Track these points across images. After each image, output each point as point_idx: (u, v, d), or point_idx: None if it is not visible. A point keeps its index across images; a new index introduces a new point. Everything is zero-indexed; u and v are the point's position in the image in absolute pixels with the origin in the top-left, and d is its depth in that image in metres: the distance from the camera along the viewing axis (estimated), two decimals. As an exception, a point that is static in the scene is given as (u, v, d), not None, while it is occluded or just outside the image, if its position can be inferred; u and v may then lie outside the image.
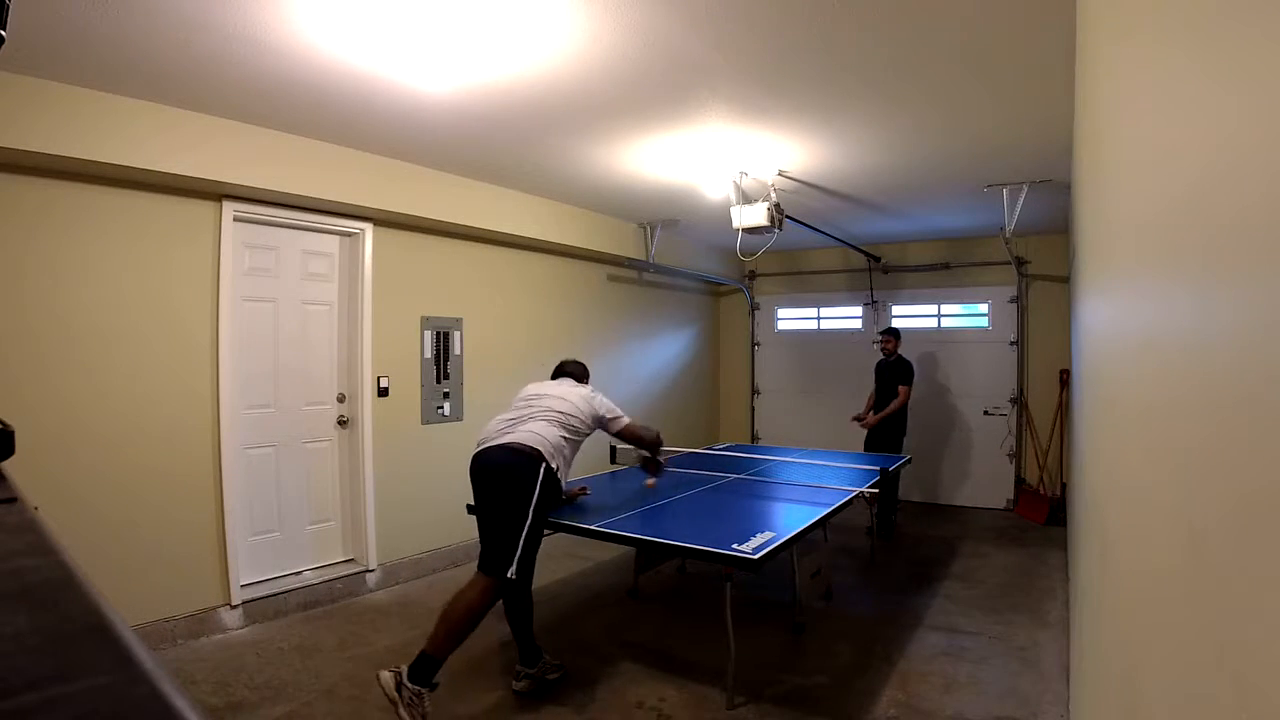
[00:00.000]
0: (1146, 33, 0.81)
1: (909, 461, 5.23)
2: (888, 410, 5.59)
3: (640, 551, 3.95)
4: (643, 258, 6.15)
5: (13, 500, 0.51)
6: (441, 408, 4.68)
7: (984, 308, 6.66)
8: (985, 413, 6.51)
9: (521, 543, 2.72)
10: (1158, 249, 0.73)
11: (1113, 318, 1.31)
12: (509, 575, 2.69)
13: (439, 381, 4.67)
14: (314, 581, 3.94)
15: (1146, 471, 0.80)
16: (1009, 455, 6.43)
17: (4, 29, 1.00)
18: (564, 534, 3.35)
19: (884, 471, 4.27)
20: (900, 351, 5.79)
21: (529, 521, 2.74)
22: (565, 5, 2.24)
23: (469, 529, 4.67)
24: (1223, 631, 0.45)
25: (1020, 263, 6.20)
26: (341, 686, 2.95)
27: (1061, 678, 3.00)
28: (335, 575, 4.06)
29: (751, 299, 7.85)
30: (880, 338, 5.89)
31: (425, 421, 4.58)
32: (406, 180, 4.13)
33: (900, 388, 5.59)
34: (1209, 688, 0.48)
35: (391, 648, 3.37)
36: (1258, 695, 0.37)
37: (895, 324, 6.92)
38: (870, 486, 3.92)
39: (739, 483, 4.21)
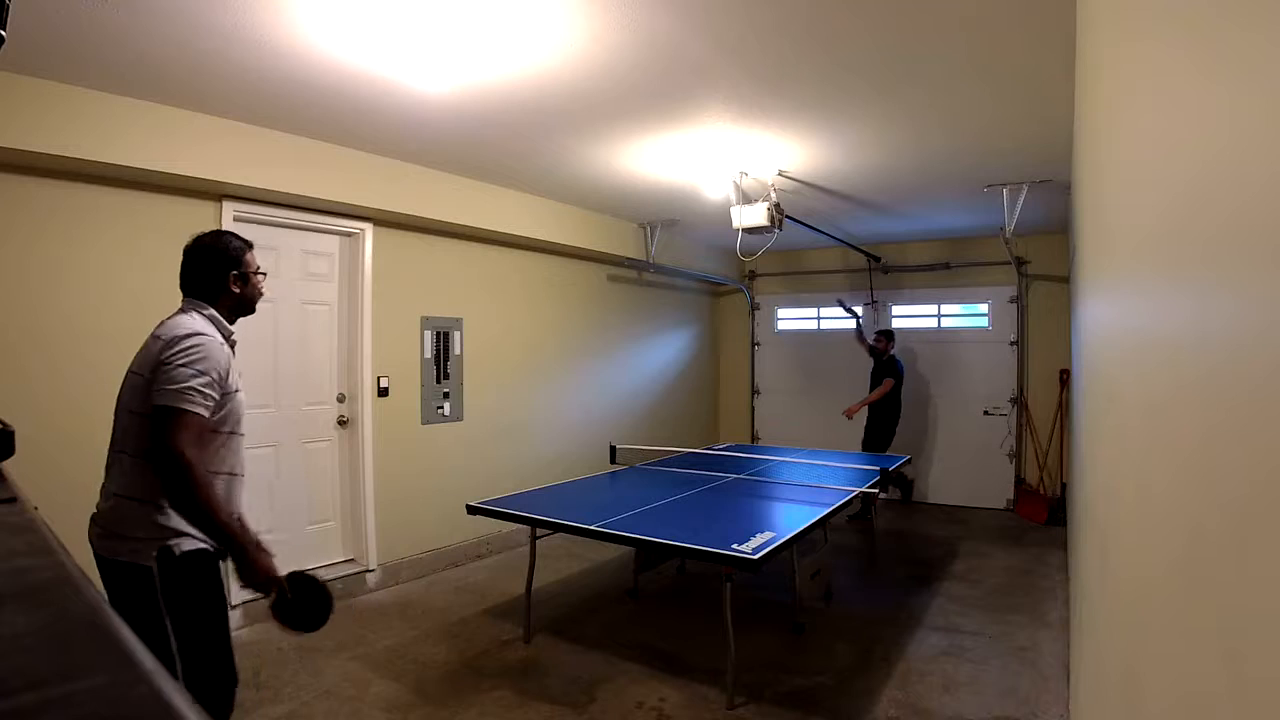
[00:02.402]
0: (1146, 33, 0.81)
1: (909, 462, 5.23)
2: (869, 399, 6.05)
3: (640, 551, 3.94)
4: (643, 258, 6.15)
5: (13, 500, 0.51)
6: (441, 408, 4.68)
7: (984, 308, 6.66)
8: (985, 413, 6.52)
9: (174, 646, 1.71)
10: (1158, 249, 0.73)
11: (1113, 318, 1.31)
12: None
13: (439, 381, 4.67)
14: (314, 581, 3.94)
15: (1146, 471, 0.80)
16: (1009, 455, 6.43)
17: (4, 29, 1.00)
18: (564, 534, 3.35)
19: (884, 472, 4.27)
20: (893, 352, 6.18)
21: (169, 626, 1.71)
22: (565, 5, 2.24)
23: (469, 529, 4.69)
24: (1223, 631, 0.45)
25: (1020, 263, 6.20)
26: (341, 687, 2.95)
27: (1061, 678, 3.00)
28: (335, 575, 4.05)
29: (751, 299, 7.85)
30: (875, 338, 6.30)
31: (425, 421, 4.59)
32: (406, 180, 4.13)
33: (886, 380, 6.01)
34: (1209, 687, 0.48)
35: (391, 648, 3.37)
36: (1258, 695, 0.37)
37: (895, 324, 6.98)
38: (870, 486, 3.92)
39: (739, 483, 4.21)
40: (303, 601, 1.74)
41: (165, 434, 1.64)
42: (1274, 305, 0.36)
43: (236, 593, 3.53)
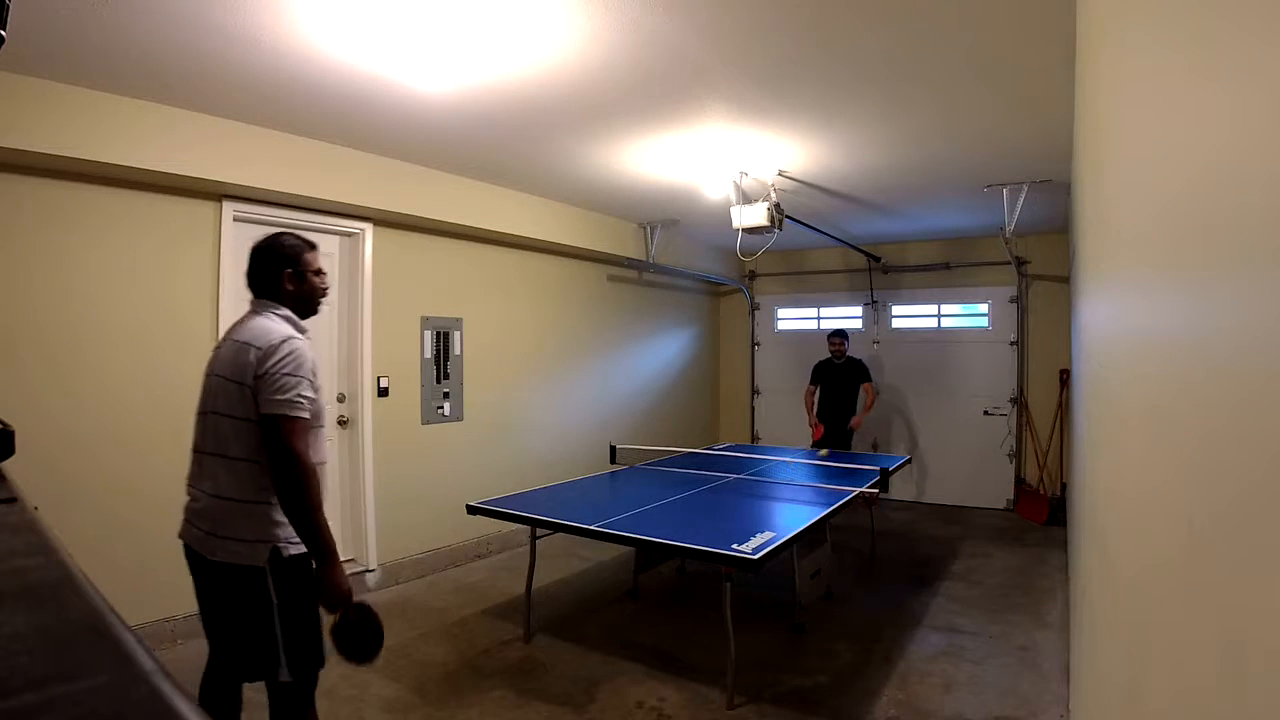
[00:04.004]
0: (1146, 33, 0.81)
1: (909, 461, 5.23)
2: (869, 408, 6.06)
3: (640, 551, 3.94)
4: (643, 258, 6.15)
5: (13, 500, 0.51)
6: (441, 408, 4.68)
7: (984, 308, 6.66)
8: (985, 413, 6.51)
9: (280, 636, 1.82)
10: (1158, 249, 0.73)
11: (1113, 318, 1.31)
12: (281, 678, 1.84)
13: (439, 381, 4.67)
14: (314, 581, 3.94)
15: (1146, 470, 0.80)
16: (1009, 455, 6.43)
17: (4, 29, 1.00)
18: (564, 534, 3.35)
19: (884, 471, 4.27)
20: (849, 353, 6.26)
21: (277, 619, 1.83)
22: (565, 5, 2.24)
23: (469, 529, 4.69)
24: (1223, 630, 0.45)
25: (1020, 263, 6.20)
26: (341, 686, 2.94)
27: (1061, 678, 3.00)
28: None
29: (751, 299, 7.85)
30: (833, 340, 6.19)
31: (425, 421, 4.59)
32: (406, 180, 4.13)
33: (865, 386, 6.06)
34: (1210, 686, 0.48)
35: (391, 648, 3.36)
36: (1258, 693, 0.37)
37: (895, 324, 6.99)
38: (870, 486, 3.92)
39: (739, 483, 4.21)
40: (360, 631, 1.84)
41: (282, 440, 1.76)
42: (1274, 305, 0.36)
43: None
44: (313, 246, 2.05)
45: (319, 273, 2.04)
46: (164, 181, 3.24)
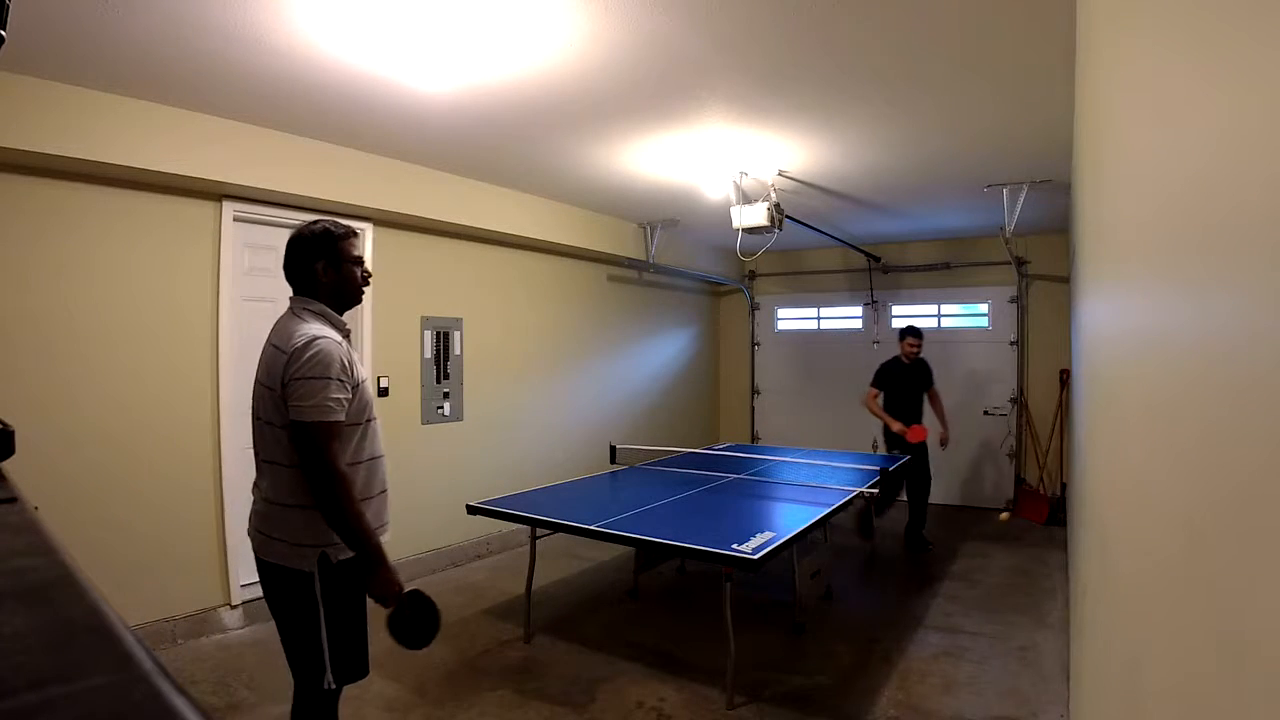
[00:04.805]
0: (1146, 33, 0.81)
1: (909, 461, 5.22)
2: (945, 417, 5.40)
3: (640, 551, 3.94)
4: (643, 258, 6.15)
5: (13, 500, 0.51)
6: (441, 408, 4.68)
7: (984, 308, 6.66)
8: (985, 413, 6.51)
9: (325, 642, 1.86)
10: (1158, 249, 0.73)
11: (1113, 317, 1.31)
12: (325, 686, 1.89)
13: (439, 381, 4.67)
14: (314, 581, 3.94)
15: (1146, 470, 0.80)
16: (1009, 455, 6.43)
17: (4, 29, 1.00)
18: (564, 534, 3.35)
19: (884, 472, 4.26)
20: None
21: (323, 624, 1.86)
22: (565, 5, 2.24)
23: (469, 529, 4.69)
24: (1223, 628, 0.45)
25: (1020, 263, 6.20)
26: (341, 686, 2.94)
27: (1061, 678, 3.00)
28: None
29: (751, 299, 7.86)
30: (912, 340, 5.23)
31: (425, 421, 4.59)
32: (406, 180, 4.13)
33: (933, 391, 5.38)
34: (1209, 684, 0.48)
35: (391, 648, 3.35)
36: (1259, 691, 0.37)
37: (895, 324, 6.95)
38: (870, 486, 3.92)
39: (739, 483, 4.21)
40: (416, 619, 1.91)
41: (314, 449, 1.71)
42: (1272, 304, 0.36)
43: (238, 592, 3.54)
44: (349, 234, 1.96)
45: (356, 261, 1.96)
46: (164, 181, 3.24)
